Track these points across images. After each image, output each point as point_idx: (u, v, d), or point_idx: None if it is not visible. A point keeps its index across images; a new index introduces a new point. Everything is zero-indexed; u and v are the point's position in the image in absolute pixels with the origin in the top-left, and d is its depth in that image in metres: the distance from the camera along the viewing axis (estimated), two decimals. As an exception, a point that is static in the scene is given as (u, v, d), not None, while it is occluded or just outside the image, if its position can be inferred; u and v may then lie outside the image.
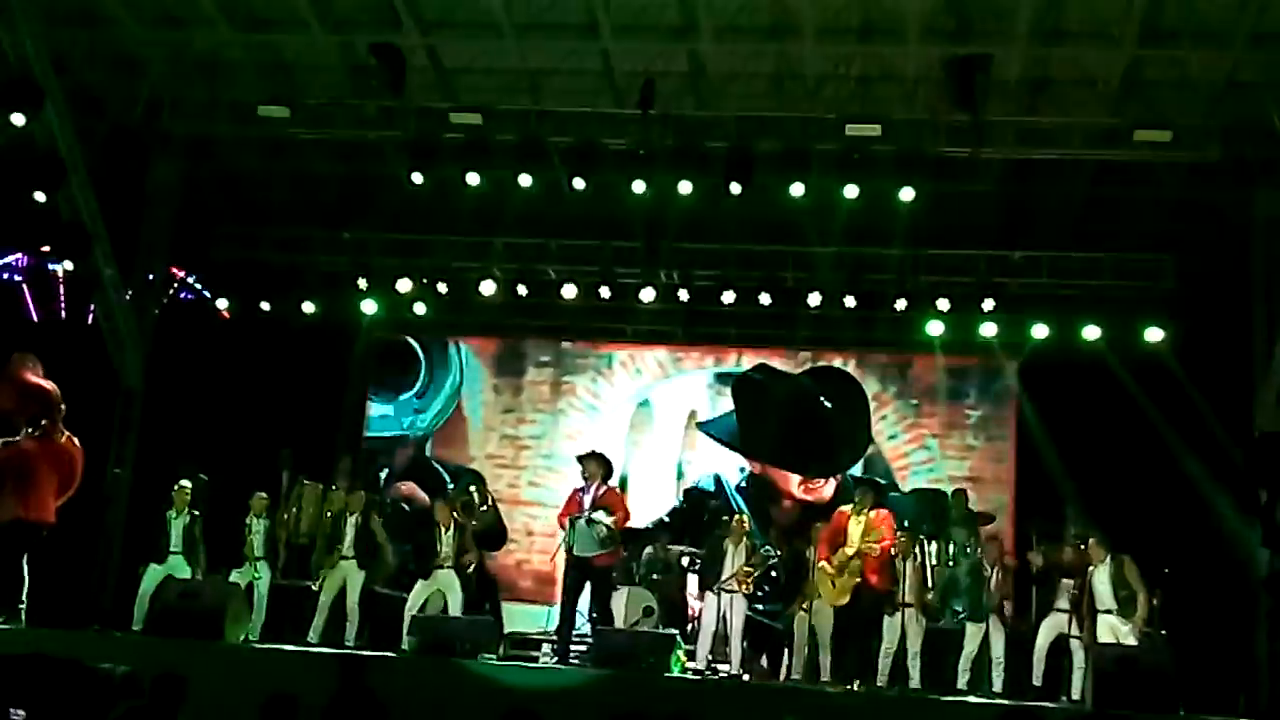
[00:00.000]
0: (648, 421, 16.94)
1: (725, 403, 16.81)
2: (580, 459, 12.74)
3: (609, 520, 12.12)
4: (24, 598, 10.51)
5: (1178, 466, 14.31)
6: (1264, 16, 12.37)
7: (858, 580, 11.91)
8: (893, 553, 12.02)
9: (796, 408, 16.35)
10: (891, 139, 13.93)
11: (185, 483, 12.78)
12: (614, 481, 12.92)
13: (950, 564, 12.69)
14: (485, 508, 14.24)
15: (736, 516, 13.04)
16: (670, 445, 16.83)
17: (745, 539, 12.53)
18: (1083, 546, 11.92)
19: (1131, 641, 11.15)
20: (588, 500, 12.29)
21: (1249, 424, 14.11)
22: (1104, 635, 11.36)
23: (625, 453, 16.38)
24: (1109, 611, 11.47)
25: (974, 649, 11.98)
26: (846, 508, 12.49)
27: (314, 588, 12.55)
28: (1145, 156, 14.00)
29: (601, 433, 16.52)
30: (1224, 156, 13.78)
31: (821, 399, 16.36)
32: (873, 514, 12.26)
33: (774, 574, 13.13)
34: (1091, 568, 11.63)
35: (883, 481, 15.79)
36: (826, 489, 15.99)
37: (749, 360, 16.85)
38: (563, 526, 12.43)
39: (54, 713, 6.00)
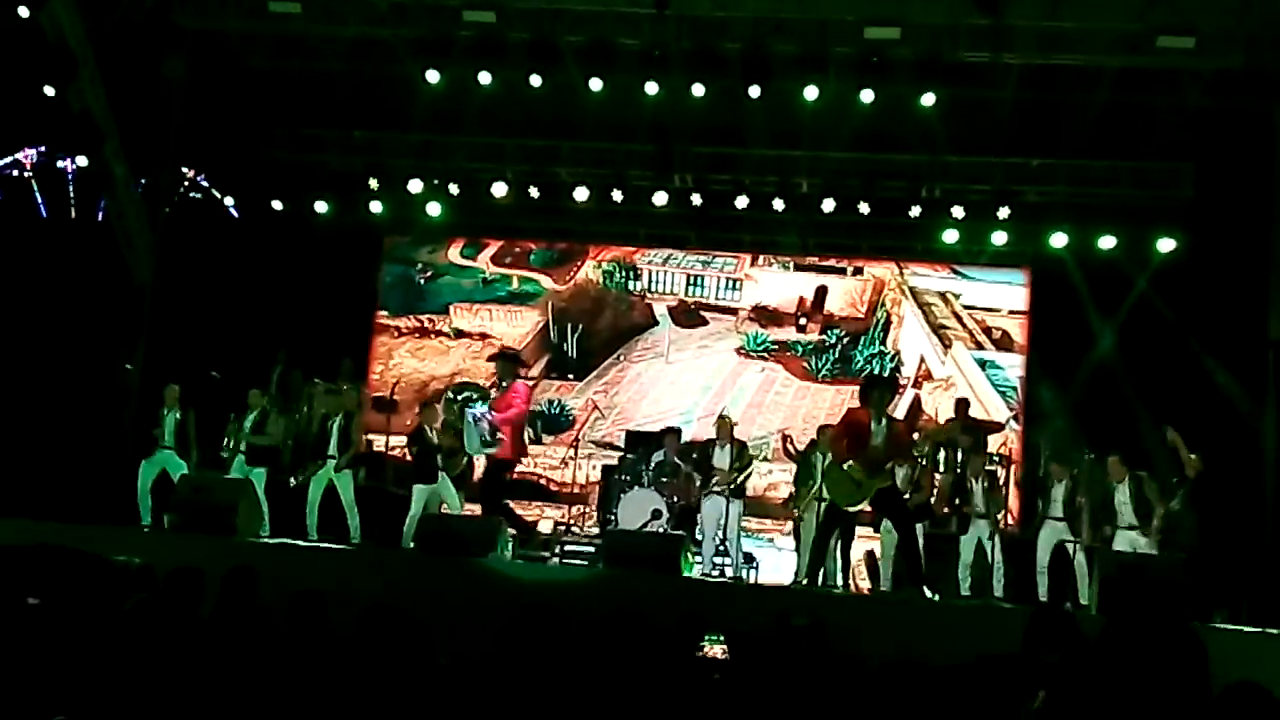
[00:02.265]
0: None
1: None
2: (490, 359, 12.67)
3: (489, 418, 11.94)
4: None
5: (1194, 376, 14.26)
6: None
7: (887, 484, 11.21)
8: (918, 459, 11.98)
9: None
10: (910, 43, 13.74)
11: (174, 385, 12.85)
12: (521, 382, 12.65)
13: (943, 470, 12.72)
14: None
15: (722, 417, 13.08)
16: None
17: (731, 440, 12.58)
18: (1087, 455, 11.99)
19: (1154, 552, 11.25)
20: (493, 394, 12.29)
21: (1263, 334, 14.05)
22: (1128, 545, 11.46)
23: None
24: (1131, 528, 11.55)
25: (969, 557, 12.06)
26: (858, 407, 11.77)
27: (291, 483, 12.63)
28: (1167, 63, 13.81)
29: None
30: (1247, 65, 13.57)
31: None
32: (897, 424, 11.72)
33: None
34: (1113, 485, 11.69)
35: (901, 382, 15.71)
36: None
37: (761, 265, 16.74)
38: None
39: (68, 603, 6.04)
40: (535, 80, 14.46)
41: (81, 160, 14.89)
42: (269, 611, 5.80)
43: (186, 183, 16.56)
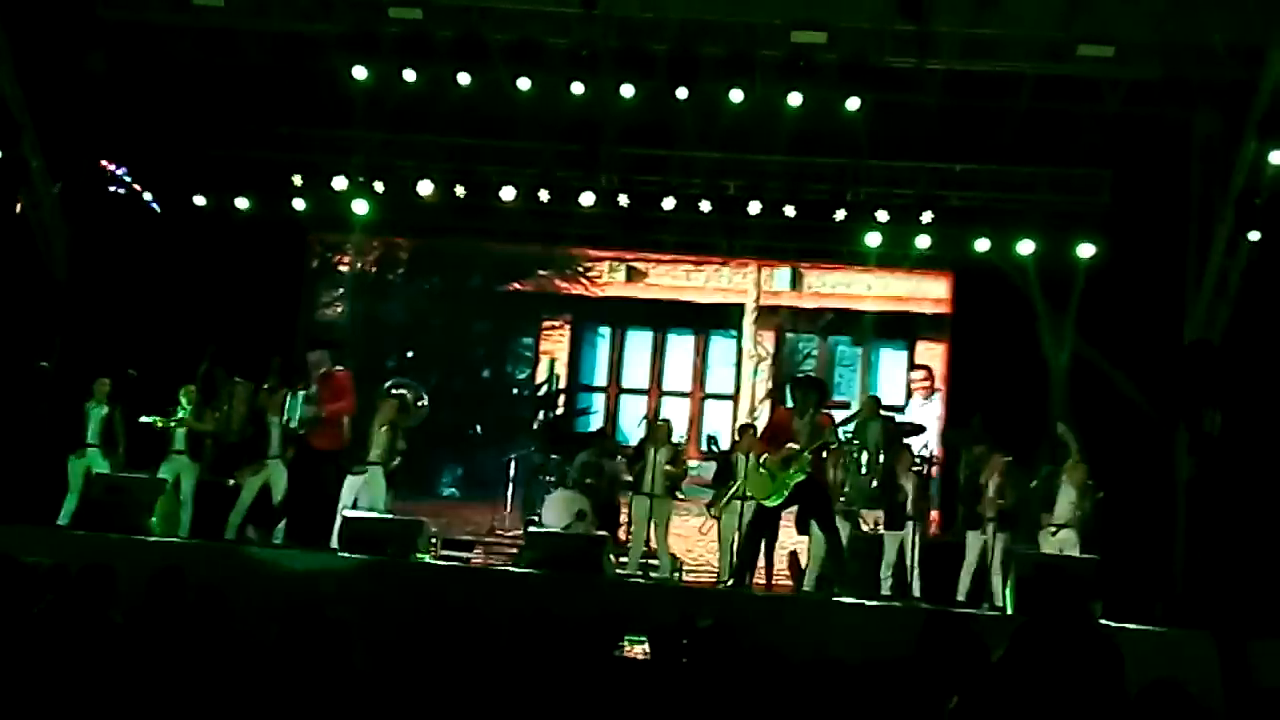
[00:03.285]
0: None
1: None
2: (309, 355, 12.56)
3: (314, 402, 11.96)
4: None
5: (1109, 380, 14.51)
6: (1211, -66, 12.36)
7: (801, 479, 11.39)
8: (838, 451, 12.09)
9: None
10: (837, 47, 13.84)
11: (105, 378, 12.64)
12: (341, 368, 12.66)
13: (864, 471, 12.84)
14: (421, 404, 14.22)
15: (660, 419, 13.12)
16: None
17: (668, 441, 12.61)
18: (1008, 457, 12.19)
19: (1077, 554, 11.42)
20: (313, 385, 12.23)
21: (1179, 340, 14.30)
22: (1053, 548, 11.63)
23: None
24: (1067, 526, 11.73)
25: (893, 556, 12.18)
26: (785, 408, 12.09)
27: (229, 484, 12.48)
28: (1088, 71, 14.02)
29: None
30: (1165, 74, 13.82)
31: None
32: (819, 415, 11.94)
33: None
34: (1061, 481, 11.88)
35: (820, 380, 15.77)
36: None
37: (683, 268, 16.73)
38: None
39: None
40: (462, 78, 14.40)
41: (-3, 153, 14.57)
42: (193, 613, 5.74)
43: (107, 177, 16.30)
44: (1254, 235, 13.24)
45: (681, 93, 13.91)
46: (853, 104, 13.99)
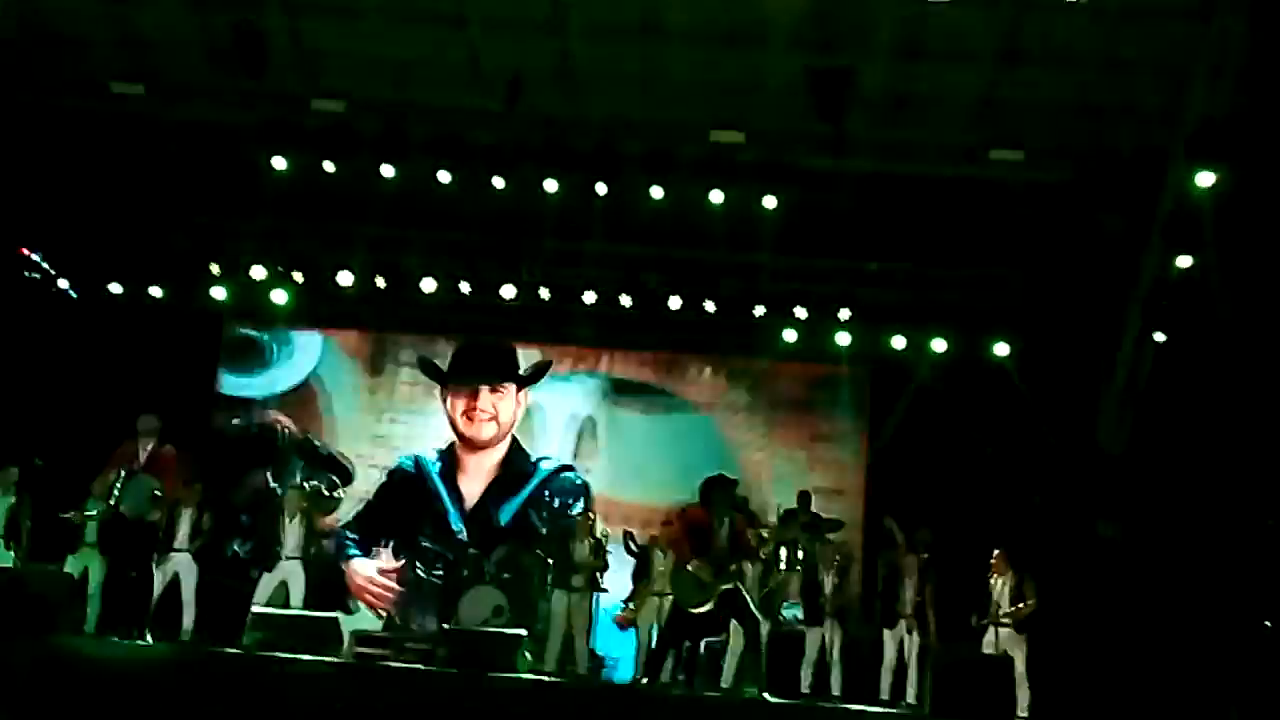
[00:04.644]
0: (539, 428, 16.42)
1: (622, 411, 16.63)
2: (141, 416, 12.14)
3: (159, 481, 11.71)
4: None
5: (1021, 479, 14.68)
6: (1116, 43, 12.75)
7: (732, 585, 11.26)
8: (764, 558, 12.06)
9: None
10: (755, 147, 14.07)
11: (13, 468, 12.33)
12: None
13: (785, 567, 12.84)
14: (335, 496, 14.01)
15: (583, 512, 13.03)
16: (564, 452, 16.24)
17: (590, 536, 12.53)
18: (921, 556, 12.27)
19: (1021, 652, 11.43)
20: (143, 457, 11.87)
21: (1092, 438, 14.53)
22: (999, 647, 11.67)
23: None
24: (1005, 624, 11.79)
25: (814, 654, 12.16)
26: (698, 506, 11.80)
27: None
28: (999, 175, 14.36)
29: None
30: (1075, 178, 14.19)
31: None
32: (738, 516, 11.85)
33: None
34: (995, 578, 11.94)
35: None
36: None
37: (612, 362, 16.73)
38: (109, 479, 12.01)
39: None
40: (385, 170, 14.45)
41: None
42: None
43: (23, 263, 16.08)
44: (1159, 336, 13.54)
45: (601, 188, 14.04)
46: (769, 202, 14.18)
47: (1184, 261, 13.09)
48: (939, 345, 15.15)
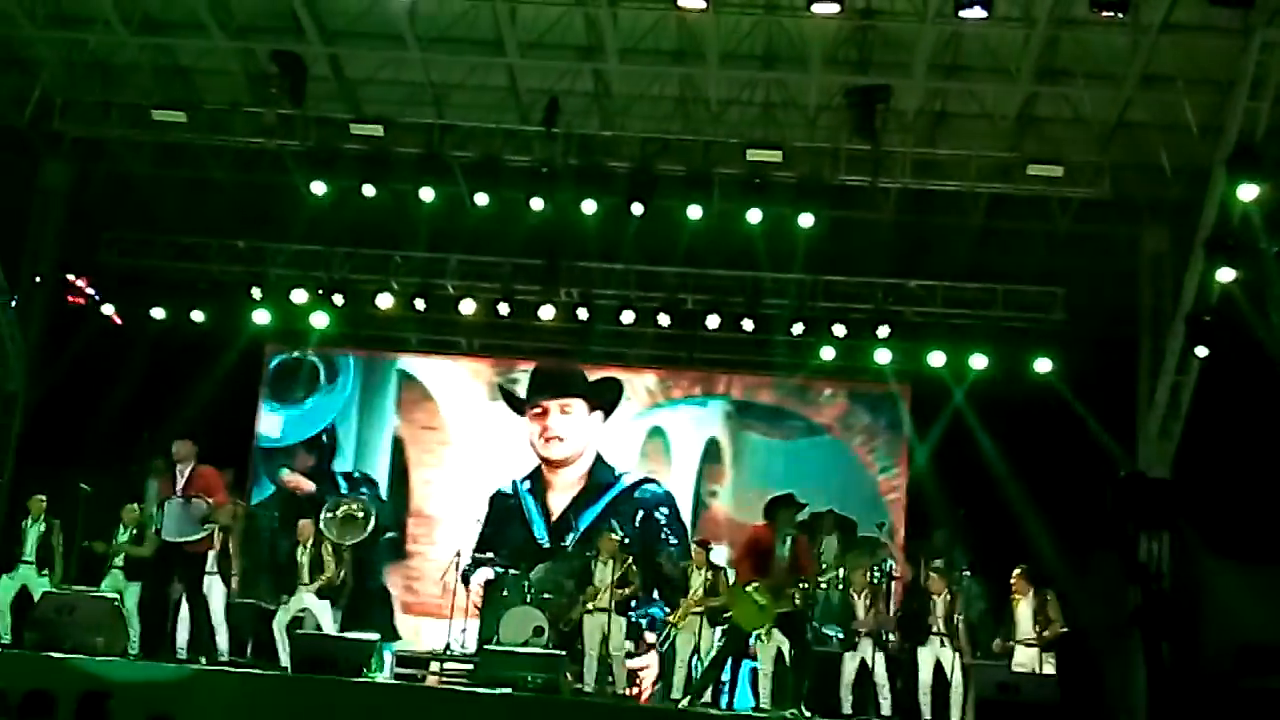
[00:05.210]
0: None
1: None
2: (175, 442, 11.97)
3: (208, 500, 11.51)
4: None
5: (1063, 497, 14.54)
6: (1154, 59, 12.71)
7: (791, 608, 11.23)
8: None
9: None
10: (792, 165, 14.10)
11: (41, 496, 12.44)
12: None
13: (823, 587, 12.79)
14: (361, 516, 14.10)
15: (607, 533, 13.06)
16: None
17: (616, 556, 12.53)
18: (961, 573, 12.18)
19: (1049, 671, 11.34)
20: (180, 482, 11.66)
21: (1133, 454, 14.41)
22: (1021, 666, 11.57)
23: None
24: (1029, 644, 11.71)
25: (851, 676, 12.08)
26: (762, 524, 11.72)
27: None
28: (1038, 191, 14.32)
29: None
30: (1114, 193, 14.14)
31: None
32: (799, 537, 11.71)
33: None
34: (1014, 599, 11.86)
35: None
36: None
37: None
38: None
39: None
40: (424, 194, 14.55)
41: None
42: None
43: (66, 289, 16.26)
44: (1202, 351, 13.42)
45: (637, 209, 14.10)
46: (806, 221, 14.19)
47: (1226, 276, 12.96)
48: (979, 362, 15.06)
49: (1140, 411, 14.56)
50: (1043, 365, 14.89)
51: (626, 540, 13.50)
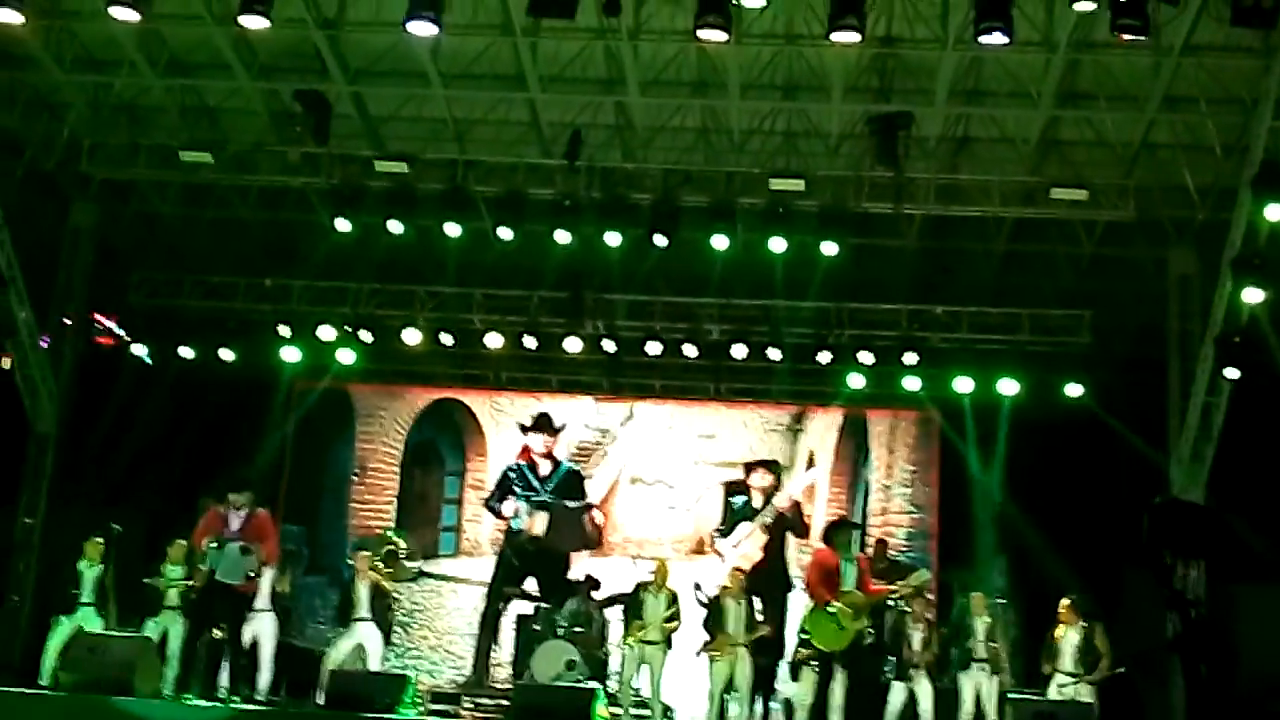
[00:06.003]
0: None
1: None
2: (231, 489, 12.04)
3: (262, 552, 11.64)
4: None
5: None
6: (1176, 80, 12.68)
7: (863, 627, 11.45)
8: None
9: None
10: (815, 194, 14.11)
11: (98, 537, 12.46)
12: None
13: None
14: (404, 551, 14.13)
15: (660, 564, 12.99)
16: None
17: (665, 588, 12.48)
18: (999, 601, 12.10)
19: (1089, 701, 11.26)
20: (235, 525, 11.72)
21: (1164, 478, 14.29)
22: (1063, 694, 11.49)
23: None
24: (1072, 674, 11.64)
25: (897, 706, 11.98)
26: (826, 548, 11.89)
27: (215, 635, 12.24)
28: (1062, 214, 14.28)
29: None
30: (1138, 215, 14.09)
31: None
32: (861, 558, 11.94)
33: None
34: (1060, 629, 11.81)
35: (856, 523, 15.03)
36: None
37: (674, 411, 16.71)
38: (198, 549, 11.82)
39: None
40: (449, 229, 14.62)
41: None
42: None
43: (94, 329, 16.40)
44: (1232, 373, 13.33)
45: (660, 240, 14.12)
46: (830, 249, 14.19)
47: (1255, 297, 12.88)
48: (1008, 387, 15.00)
49: (1171, 434, 14.44)
50: (1074, 390, 14.83)
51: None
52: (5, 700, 10.33)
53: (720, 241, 14.35)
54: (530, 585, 15.32)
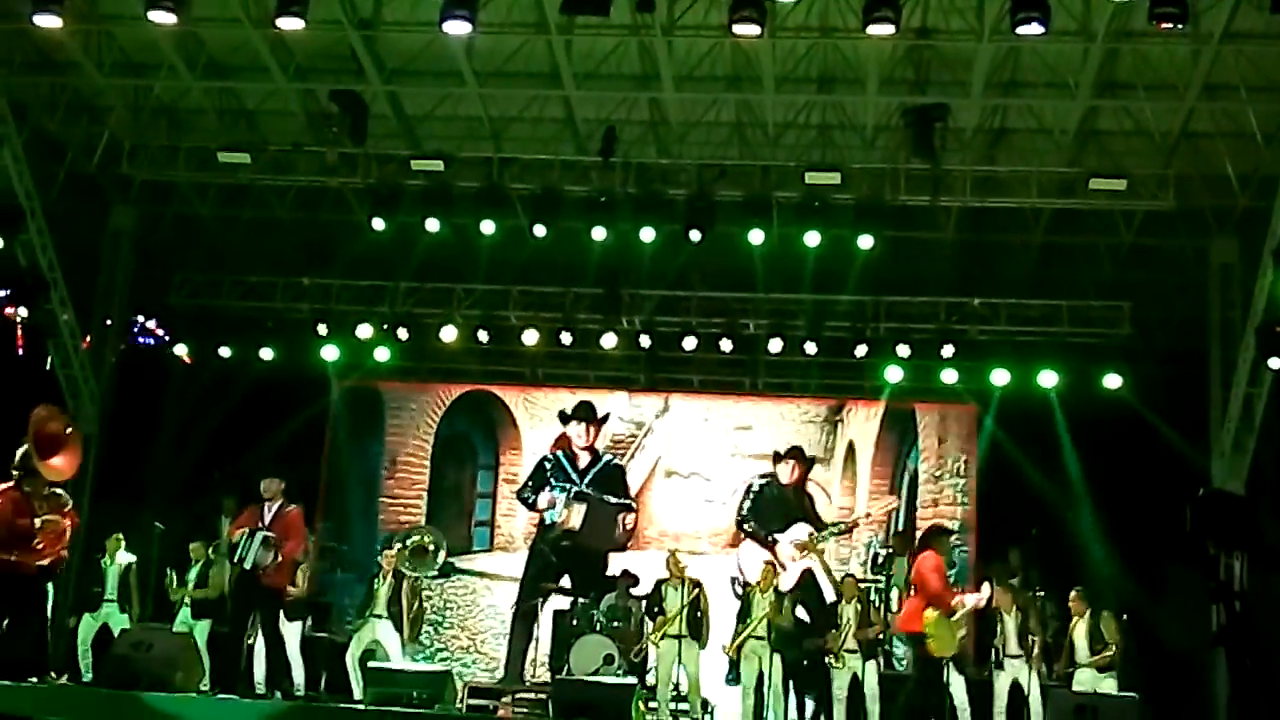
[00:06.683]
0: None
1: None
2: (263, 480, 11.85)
3: (284, 547, 11.41)
4: None
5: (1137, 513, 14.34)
6: (1215, 68, 12.55)
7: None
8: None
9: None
10: (851, 187, 14.07)
11: (119, 534, 12.61)
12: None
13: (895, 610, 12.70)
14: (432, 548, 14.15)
15: (671, 556, 13.02)
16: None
17: (685, 579, 12.49)
18: (1035, 593, 12.05)
19: (1110, 691, 11.22)
20: (267, 519, 11.54)
21: (1206, 469, 14.17)
22: (1081, 686, 11.45)
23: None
24: (1087, 665, 11.65)
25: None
26: (932, 552, 11.63)
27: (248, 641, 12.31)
28: (1101, 205, 14.18)
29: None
30: (1178, 205, 13.96)
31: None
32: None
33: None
34: (1073, 620, 11.78)
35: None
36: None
37: (710, 404, 16.68)
38: (233, 540, 11.68)
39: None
40: (485, 226, 14.67)
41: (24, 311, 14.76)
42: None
43: (135, 329, 16.55)
44: (1275, 363, 13.18)
45: (695, 235, 14.11)
46: (866, 242, 14.15)
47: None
48: (1047, 379, 14.91)
49: (1212, 425, 14.31)
50: (1113, 381, 14.73)
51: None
52: (43, 695, 10.41)
53: (756, 236, 14.33)
54: (565, 581, 15.33)
